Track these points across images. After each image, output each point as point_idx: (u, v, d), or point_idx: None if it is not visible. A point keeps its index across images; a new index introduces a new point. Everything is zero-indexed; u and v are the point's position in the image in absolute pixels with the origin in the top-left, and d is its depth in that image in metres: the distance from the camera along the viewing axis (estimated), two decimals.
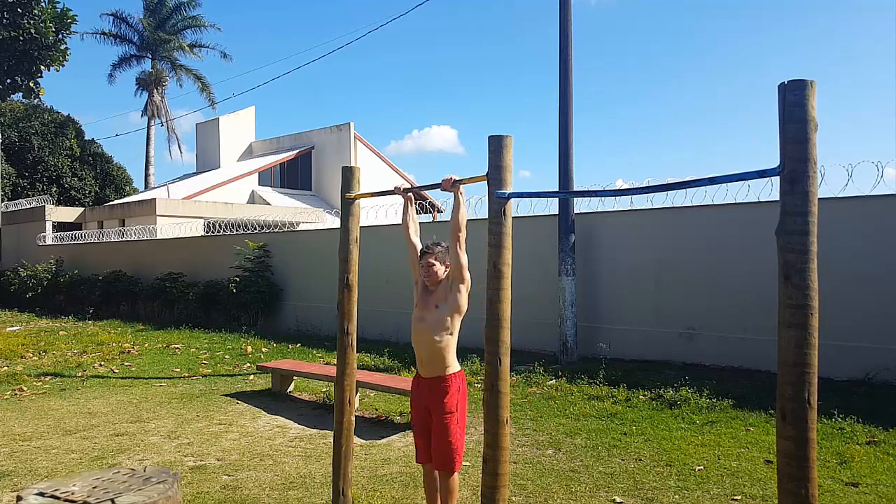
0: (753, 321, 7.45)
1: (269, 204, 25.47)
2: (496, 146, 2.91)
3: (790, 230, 1.97)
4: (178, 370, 9.03)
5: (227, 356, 10.05)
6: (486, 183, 2.94)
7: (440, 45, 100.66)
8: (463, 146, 74.88)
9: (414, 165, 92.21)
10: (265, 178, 27.92)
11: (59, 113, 31.78)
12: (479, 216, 9.14)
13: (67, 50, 12.27)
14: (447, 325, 3.47)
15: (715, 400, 6.25)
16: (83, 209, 24.91)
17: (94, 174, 32.42)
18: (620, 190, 3.00)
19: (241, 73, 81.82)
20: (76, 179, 31.43)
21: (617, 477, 4.59)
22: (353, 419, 3.83)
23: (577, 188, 8.53)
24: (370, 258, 6.95)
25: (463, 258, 3.40)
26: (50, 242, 21.48)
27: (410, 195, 3.84)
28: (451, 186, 3.32)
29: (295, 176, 29.16)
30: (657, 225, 8.54)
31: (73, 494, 2.95)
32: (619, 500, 4.19)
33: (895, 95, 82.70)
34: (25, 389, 7.83)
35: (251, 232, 14.50)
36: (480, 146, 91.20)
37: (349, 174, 3.86)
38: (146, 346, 11.12)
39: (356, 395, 5.72)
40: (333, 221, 17.67)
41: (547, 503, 4.17)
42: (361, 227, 4.01)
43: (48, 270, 18.80)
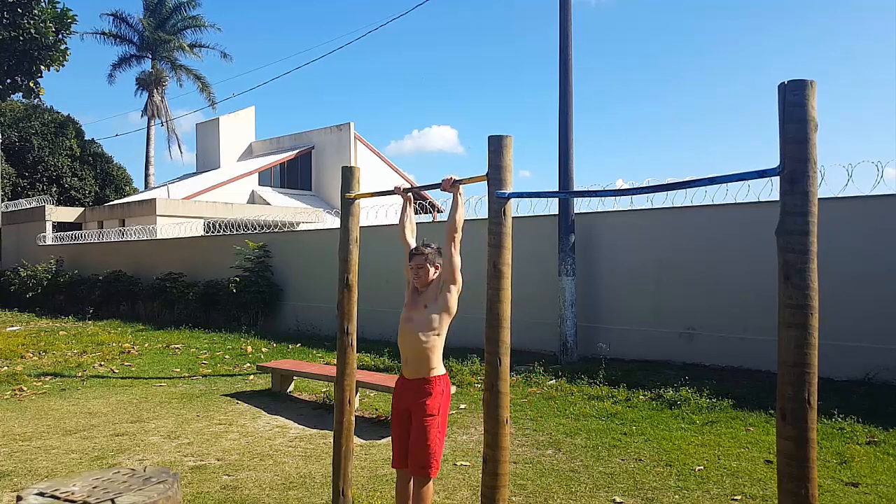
0: (753, 321, 7.45)
1: (269, 204, 25.46)
2: (496, 146, 2.91)
3: (790, 230, 1.97)
4: (178, 370, 9.04)
5: (227, 356, 10.05)
6: (486, 183, 2.94)
7: (440, 45, 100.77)
8: (463, 146, 74.92)
9: (414, 165, 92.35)
10: (265, 178, 27.92)
11: (59, 113, 31.80)
12: (479, 216, 9.15)
13: (67, 50, 12.27)
14: (435, 325, 3.42)
15: (715, 400, 6.25)
16: (83, 209, 24.91)
17: (94, 174, 32.43)
18: (620, 190, 3.00)
19: (241, 73, 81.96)
20: (76, 179, 31.44)
21: (617, 477, 4.59)
22: (353, 419, 3.83)
23: (577, 188, 8.53)
24: (370, 258, 6.96)
25: (456, 259, 3.35)
26: (50, 242, 21.48)
27: (410, 195, 3.83)
28: (450, 187, 3.31)
29: (295, 176, 29.15)
30: (657, 225, 8.54)
31: (73, 494, 2.95)
32: (619, 500, 4.19)
33: (895, 95, 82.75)
34: (25, 389, 7.83)
35: (251, 232, 14.50)
36: (480, 146, 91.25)
37: (349, 174, 3.86)
38: (146, 346, 11.12)
39: (356, 395, 5.71)
40: (333, 221, 17.66)
41: (547, 503, 4.17)
42: (361, 227, 4.01)
43: (48, 270, 18.81)
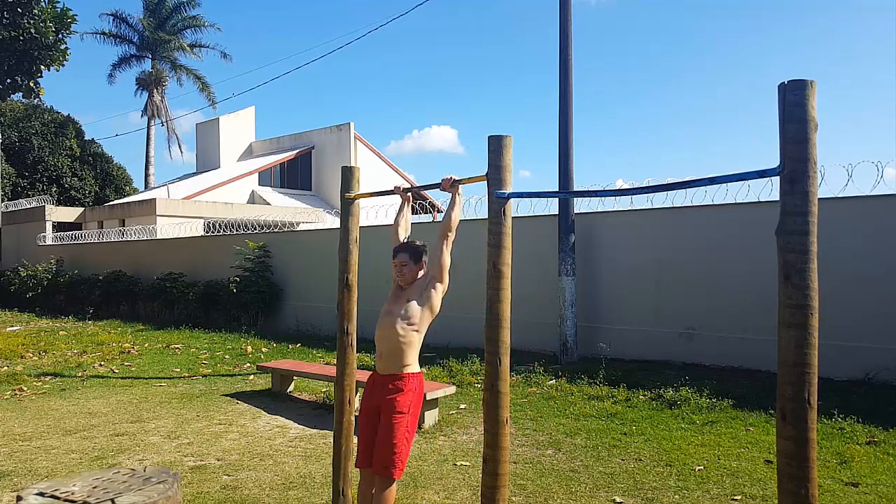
0: (753, 321, 7.45)
1: (269, 204, 25.46)
2: (496, 146, 2.91)
3: (790, 230, 1.97)
4: (178, 370, 9.04)
5: (227, 356, 10.05)
6: (485, 183, 2.94)
7: (440, 45, 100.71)
8: (463, 146, 74.93)
9: (414, 165, 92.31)
10: (265, 178, 27.92)
11: (59, 113, 31.80)
12: (479, 216, 9.15)
13: (67, 50, 12.27)
14: (415, 321, 3.32)
15: (715, 400, 6.25)
16: (83, 209, 24.91)
17: (94, 174, 32.43)
18: (620, 190, 3.00)
19: (241, 73, 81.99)
20: (76, 179, 31.44)
21: (617, 477, 4.59)
22: (353, 419, 3.83)
23: (577, 188, 8.53)
24: (370, 258, 6.95)
25: (446, 258, 3.32)
26: (50, 242, 21.48)
27: (409, 196, 3.83)
28: (450, 186, 3.31)
29: (295, 176, 29.15)
30: (657, 225, 8.54)
31: (73, 494, 2.95)
32: (619, 500, 4.19)
33: (895, 95, 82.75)
34: (25, 389, 7.83)
35: (251, 232, 14.50)
36: (480, 146, 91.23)
37: (349, 174, 3.86)
38: (146, 346, 11.12)
39: (356, 395, 5.71)
40: (333, 221, 17.65)
41: (547, 503, 4.17)
42: (361, 227, 4.01)
43: (48, 270, 18.80)
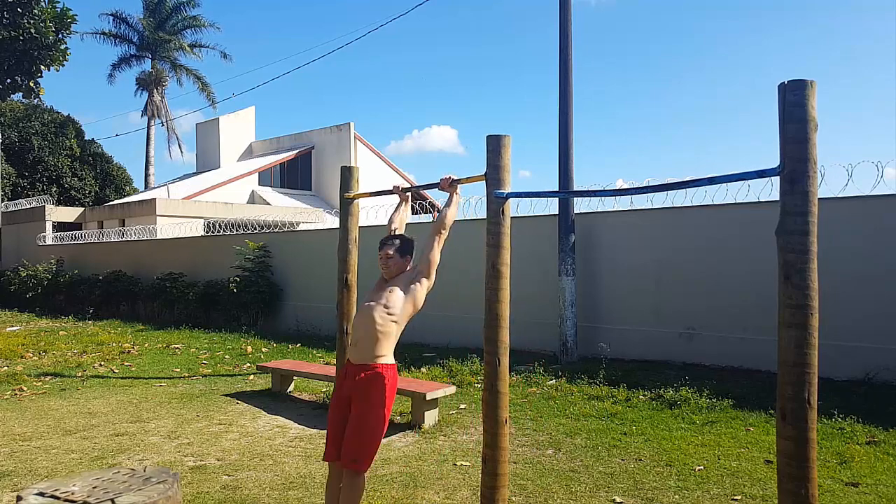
0: (753, 321, 7.44)
1: (269, 204, 25.46)
2: (494, 146, 2.91)
3: (790, 230, 1.97)
4: (178, 370, 9.03)
5: (227, 356, 10.05)
6: (484, 183, 2.94)
7: (440, 45, 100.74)
8: (463, 146, 74.92)
9: (414, 165, 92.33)
10: (265, 178, 27.92)
11: (59, 113, 31.79)
12: (478, 216, 9.15)
13: (67, 50, 12.26)
14: (395, 311, 3.24)
15: (715, 400, 6.24)
16: (83, 209, 24.90)
17: (94, 174, 32.43)
18: (620, 190, 3.00)
19: (241, 73, 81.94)
20: (76, 179, 31.43)
21: (617, 477, 4.58)
22: None
23: (577, 188, 8.53)
24: (370, 258, 6.94)
25: (436, 255, 3.30)
26: (50, 242, 21.48)
27: (407, 196, 3.84)
28: (448, 186, 3.32)
29: (295, 176, 29.15)
30: (657, 225, 8.54)
31: (73, 494, 2.95)
32: (619, 500, 4.19)
33: (895, 95, 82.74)
34: (25, 389, 7.82)
35: (251, 232, 14.49)
36: (480, 146, 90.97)
37: (348, 174, 3.86)
38: (146, 346, 11.12)
39: None
40: (333, 221, 17.61)
41: (547, 503, 4.17)
42: (361, 227, 4.02)
43: (48, 270, 18.80)
